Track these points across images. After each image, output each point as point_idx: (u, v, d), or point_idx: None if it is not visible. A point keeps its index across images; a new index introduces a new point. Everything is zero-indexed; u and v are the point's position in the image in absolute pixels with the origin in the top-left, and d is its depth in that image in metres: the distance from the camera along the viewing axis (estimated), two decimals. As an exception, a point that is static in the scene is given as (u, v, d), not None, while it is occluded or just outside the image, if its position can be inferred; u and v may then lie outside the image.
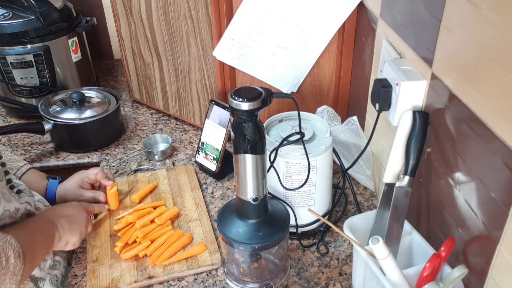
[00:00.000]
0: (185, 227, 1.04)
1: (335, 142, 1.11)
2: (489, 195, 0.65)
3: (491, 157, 0.63)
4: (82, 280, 0.94)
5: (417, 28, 0.82)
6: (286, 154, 0.91)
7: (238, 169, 0.80)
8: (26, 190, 0.96)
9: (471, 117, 0.67)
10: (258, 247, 0.83)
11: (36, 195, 0.99)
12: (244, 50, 1.18)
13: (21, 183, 0.97)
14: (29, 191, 0.97)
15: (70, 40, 1.47)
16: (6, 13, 1.38)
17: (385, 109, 0.88)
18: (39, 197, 0.99)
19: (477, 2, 0.63)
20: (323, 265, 0.96)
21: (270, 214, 0.86)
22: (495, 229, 0.64)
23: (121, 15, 1.39)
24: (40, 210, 0.96)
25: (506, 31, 0.57)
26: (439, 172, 0.80)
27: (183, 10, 1.20)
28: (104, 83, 1.74)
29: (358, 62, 1.18)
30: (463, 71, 0.69)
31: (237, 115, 0.74)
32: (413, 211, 0.91)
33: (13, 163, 1.08)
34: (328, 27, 1.15)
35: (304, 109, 1.13)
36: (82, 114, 1.32)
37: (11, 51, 1.37)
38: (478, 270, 0.70)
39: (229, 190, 1.18)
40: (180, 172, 1.22)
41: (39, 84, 1.44)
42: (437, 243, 0.79)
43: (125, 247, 0.99)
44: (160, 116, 1.51)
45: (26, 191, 0.95)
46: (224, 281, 0.93)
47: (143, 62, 1.43)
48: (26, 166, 1.09)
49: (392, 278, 0.72)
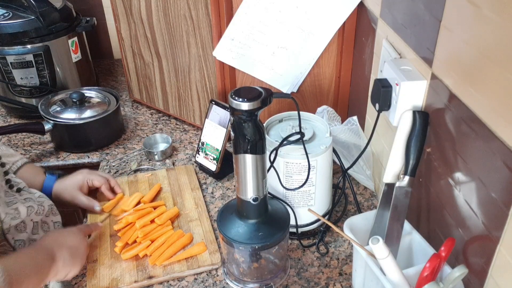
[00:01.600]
0: (185, 227, 1.04)
1: (335, 142, 1.11)
2: (489, 195, 0.65)
3: (491, 157, 0.63)
4: (82, 280, 0.94)
5: (417, 28, 0.82)
6: (286, 154, 0.91)
7: (238, 169, 0.80)
8: (26, 188, 0.95)
9: (471, 117, 0.67)
10: (258, 247, 0.83)
11: (37, 192, 0.98)
12: (244, 50, 1.18)
13: (20, 181, 0.95)
14: (29, 189, 0.96)
15: (70, 40, 1.47)
16: (6, 13, 1.38)
17: (385, 109, 0.88)
18: (39, 194, 0.98)
19: (477, 2, 0.63)
20: (323, 265, 0.96)
21: (270, 214, 0.86)
22: (495, 229, 0.64)
23: (121, 15, 1.39)
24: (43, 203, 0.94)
25: (506, 31, 0.57)
26: (439, 172, 0.80)
27: (183, 10, 1.20)
28: (104, 83, 1.74)
29: (358, 62, 1.18)
30: (463, 71, 0.69)
31: (237, 115, 0.74)
32: (413, 211, 0.91)
33: (8, 158, 1.05)
34: (328, 27, 1.15)
35: (304, 109, 1.13)
36: (82, 114, 1.32)
37: (11, 51, 1.37)
38: (478, 270, 0.70)
39: (229, 190, 1.18)
40: (180, 172, 1.22)
41: (39, 84, 1.44)
42: (437, 243, 0.79)
43: (125, 247, 0.98)
44: (160, 116, 1.51)
45: (26, 189, 0.94)
46: (224, 281, 0.93)
47: (143, 62, 1.43)
48: (21, 160, 1.07)
49: (392, 278, 0.72)
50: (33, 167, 1.09)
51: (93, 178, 1.09)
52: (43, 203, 0.96)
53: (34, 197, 0.94)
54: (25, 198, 0.90)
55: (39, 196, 0.97)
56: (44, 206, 0.96)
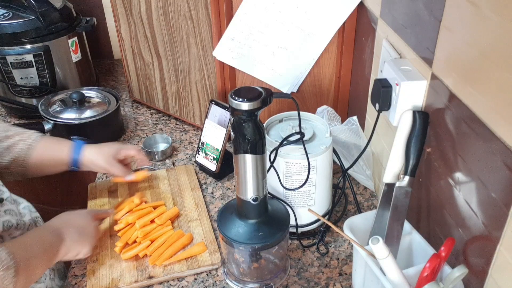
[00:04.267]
0: (185, 227, 1.04)
1: (335, 142, 1.11)
2: (489, 195, 0.65)
3: (491, 157, 0.63)
4: (82, 280, 0.94)
5: (417, 28, 0.82)
6: (286, 154, 0.91)
7: (238, 169, 0.80)
8: (10, 198, 0.91)
9: (471, 117, 0.67)
10: (258, 247, 0.83)
11: (22, 203, 0.95)
12: (244, 50, 1.18)
13: (5, 190, 0.92)
14: (13, 200, 0.93)
15: (70, 40, 1.47)
16: (6, 13, 1.38)
17: (385, 109, 0.88)
18: (25, 204, 0.96)
19: (477, 2, 0.63)
20: (323, 265, 0.96)
21: (270, 214, 0.86)
22: (495, 229, 0.64)
23: (121, 15, 1.39)
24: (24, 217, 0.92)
25: (506, 31, 0.57)
26: (439, 172, 0.80)
27: (183, 10, 1.20)
28: (104, 83, 1.74)
29: (358, 62, 1.18)
30: (463, 71, 0.69)
31: (237, 115, 0.74)
32: (413, 211, 0.91)
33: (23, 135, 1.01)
34: (328, 27, 1.15)
35: (304, 109, 1.13)
36: (82, 114, 1.32)
37: (11, 51, 1.37)
38: (478, 270, 0.70)
39: (229, 190, 1.18)
40: (180, 172, 1.22)
41: (39, 84, 1.44)
42: (437, 243, 0.79)
43: (125, 247, 0.98)
44: (160, 116, 1.51)
45: (9, 199, 0.91)
46: (224, 281, 0.93)
47: (143, 62, 1.43)
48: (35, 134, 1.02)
49: (392, 278, 0.72)
50: (51, 139, 1.05)
51: (126, 148, 1.09)
52: (24, 217, 0.93)
53: (17, 209, 0.91)
54: (6, 210, 0.87)
55: (23, 207, 0.94)
56: (25, 220, 0.93)
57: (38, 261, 0.80)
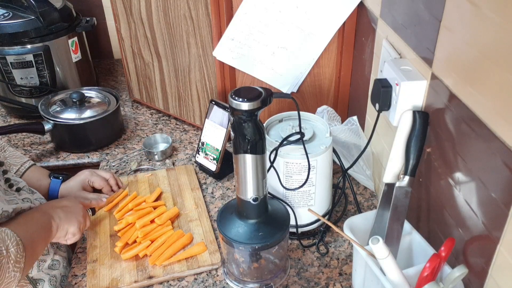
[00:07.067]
0: (185, 227, 1.04)
1: (335, 142, 1.11)
2: (489, 195, 0.65)
3: (491, 157, 0.63)
4: (82, 280, 0.94)
5: (417, 28, 0.82)
6: (286, 154, 0.91)
7: (238, 169, 0.80)
8: (26, 188, 0.96)
9: (471, 117, 0.67)
10: (258, 247, 0.83)
11: (36, 193, 0.99)
12: (244, 50, 1.18)
13: (20, 180, 0.97)
14: (29, 189, 0.97)
15: (70, 40, 1.47)
16: (6, 13, 1.38)
17: (385, 109, 0.88)
18: (37, 196, 0.99)
19: (477, 2, 0.63)
20: (323, 265, 0.96)
21: (270, 214, 0.86)
22: (495, 229, 0.64)
23: (121, 15, 1.39)
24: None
25: (506, 31, 0.57)
26: (439, 172, 0.80)
27: (183, 10, 1.20)
28: (104, 83, 1.74)
29: (358, 62, 1.18)
30: (463, 71, 0.69)
31: (237, 115, 0.74)
32: (413, 211, 0.91)
33: (16, 159, 1.08)
34: (328, 27, 1.15)
35: (304, 109, 1.13)
36: (82, 114, 1.32)
37: (11, 51, 1.37)
38: (478, 270, 0.70)
39: (229, 190, 1.18)
40: (180, 172, 1.22)
41: (39, 84, 1.44)
42: (437, 243, 0.79)
43: (125, 247, 0.98)
44: (160, 116, 1.51)
45: (26, 189, 0.95)
46: (224, 281, 0.93)
47: (143, 62, 1.43)
48: (28, 162, 1.10)
49: (392, 278, 0.72)
50: (39, 170, 1.11)
51: (94, 180, 1.11)
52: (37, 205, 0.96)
53: (32, 198, 0.95)
54: (23, 198, 0.91)
55: (35, 198, 0.97)
56: None
57: (39, 238, 0.85)
